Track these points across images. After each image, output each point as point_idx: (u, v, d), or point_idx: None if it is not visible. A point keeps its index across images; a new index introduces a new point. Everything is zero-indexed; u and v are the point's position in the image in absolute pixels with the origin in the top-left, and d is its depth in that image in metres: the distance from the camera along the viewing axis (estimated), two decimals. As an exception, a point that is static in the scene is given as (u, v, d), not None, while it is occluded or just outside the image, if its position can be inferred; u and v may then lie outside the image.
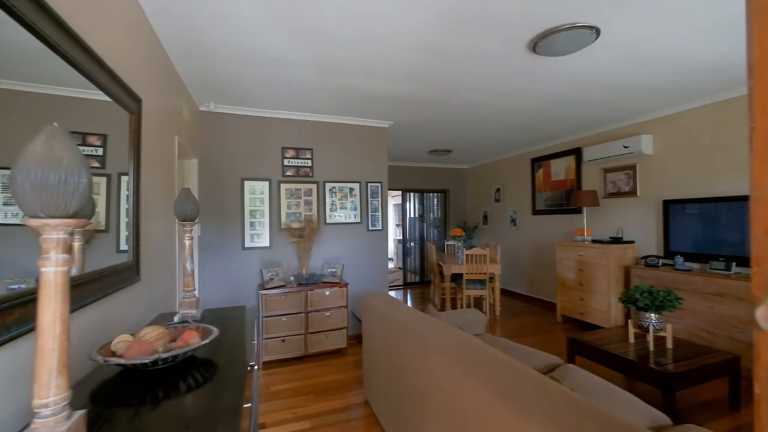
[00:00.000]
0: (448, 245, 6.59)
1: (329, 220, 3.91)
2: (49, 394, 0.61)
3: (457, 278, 5.00)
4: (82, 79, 1.19)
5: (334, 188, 3.94)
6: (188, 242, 1.65)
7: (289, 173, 3.76)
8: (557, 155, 5.11)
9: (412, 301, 6.00)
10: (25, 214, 0.61)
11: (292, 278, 3.50)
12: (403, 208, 7.47)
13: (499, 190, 6.38)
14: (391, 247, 9.65)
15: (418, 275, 7.59)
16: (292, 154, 3.77)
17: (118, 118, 1.50)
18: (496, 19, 2.00)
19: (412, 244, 7.63)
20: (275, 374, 3.15)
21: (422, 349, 1.65)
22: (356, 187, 4.04)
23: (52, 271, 0.62)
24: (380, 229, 4.15)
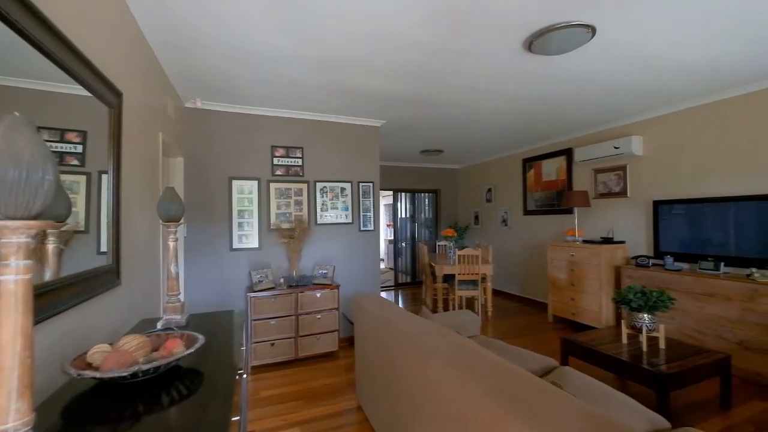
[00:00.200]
0: (439, 245, 6.56)
1: (320, 220, 3.83)
2: (8, 419, 0.54)
3: (449, 279, 4.97)
4: (58, 72, 1.11)
5: (325, 188, 3.87)
6: (172, 244, 1.57)
7: (278, 172, 3.67)
8: (548, 156, 5.12)
9: (403, 302, 5.96)
10: (-21, 215, 0.53)
11: (281, 280, 3.41)
12: (394, 208, 7.43)
13: (490, 190, 6.38)
14: (382, 247, 9.60)
15: (409, 276, 7.55)
16: (281, 152, 3.69)
17: (98, 113, 1.42)
18: (493, 16, 1.96)
19: (403, 244, 7.59)
20: (264, 379, 3.06)
21: (418, 353, 1.60)
22: (348, 186, 3.97)
23: (12, 279, 0.55)
24: (372, 229, 4.09)
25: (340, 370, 3.23)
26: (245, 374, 1.39)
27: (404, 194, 7.49)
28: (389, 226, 8.73)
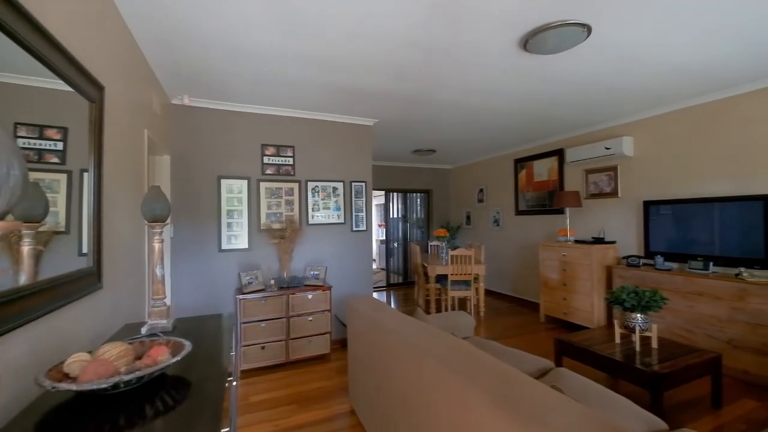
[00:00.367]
0: (431, 246, 6.55)
1: (312, 220, 3.77)
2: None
3: (441, 279, 4.95)
4: (34, 63, 1.04)
5: (316, 187, 3.80)
6: (158, 245, 1.50)
7: (269, 171, 3.59)
8: (540, 156, 5.14)
9: (396, 302, 5.92)
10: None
11: (272, 281, 3.34)
12: (386, 208, 7.38)
13: (482, 190, 6.39)
14: (374, 247, 9.54)
15: (401, 276, 7.52)
16: (272, 151, 3.61)
17: (80, 109, 1.36)
18: (489, 13, 1.93)
19: (395, 244, 7.55)
20: (254, 383, 2.98)
21: (414, 356, 1.56)
22: (340, 186, 3.92)
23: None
24: (364, 230, 4.04)
25: (332, 373, 3.17)
26: (234, 382, 1.33)
27: (396, 194, 7.45)
28: (381, 226, 8.69)
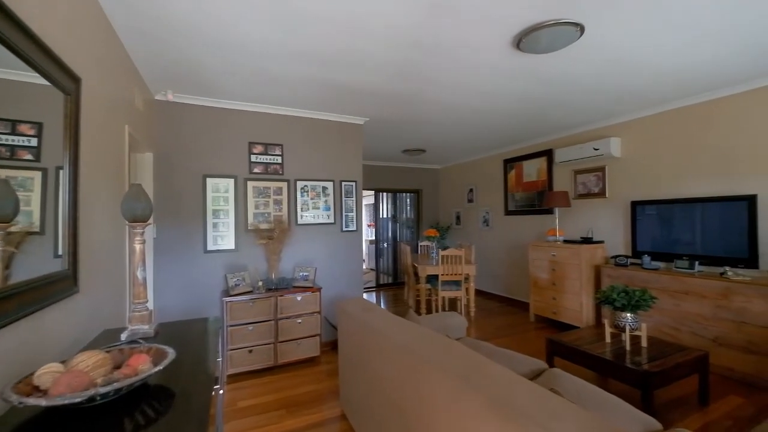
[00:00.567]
0: (421, 246, 6.53)
1: (301, 220, 3.69)
2: None
3: (432, 279, 4.92)
4: (6, 54, 0.97)
5: (306, 187, 3.73)
6: (139, 246, 1.42)
7: (256, 170, 3.51)
8: (529, 156, 5.17)
9: (386, 303, 5.87)
10: None
11: (260, 283, 3.25)
12: (375, 208, 7.33)
13: (472, 190, 6.40)
14: (363, 248, 9.49)
15: (391, 276, 7.48)
16: (260, 149, 3.52)
17: (56, 104, 1.29)
18: (485, 10, 1.91)
19: (384, 244, 7.51)
20: (242, 388, 2.89)
21: (409, 360, 1.52)
22: (330, 186, 3.85)
23: None
24: (355, 230, 3.98)
25: (322, 376, 3.10)
26: (221, 390, 1.26)
27: (386, 194, 7.41)
28: (370, 226, 8.64)
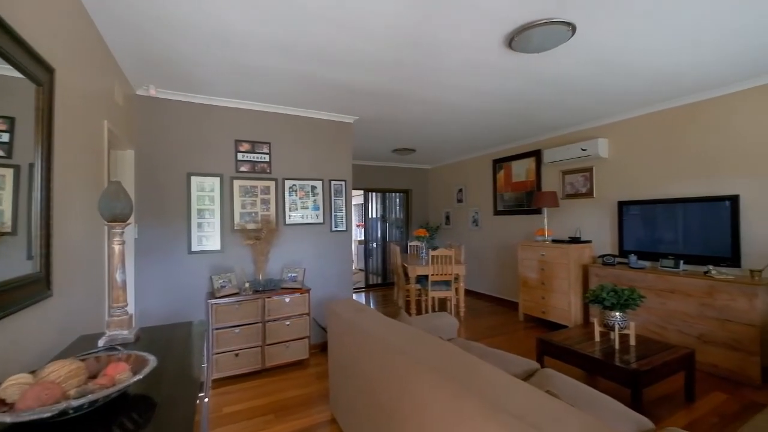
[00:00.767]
0: (411, 246, 6.51)
1: (289, 220, 3.61)
2: None
3: (422, 280, 4.90)
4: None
5: (294, 186, 3.65)
6: (118, 247, 1.35)
7: (243, 169, 3.42)
8: (518, 157, 5.20)
9: (375, 304, 5.83)
10: None
11: (246, 285, 3.17)
12: (364, 208, 7.28)
13: (461, 190, 6.41)
14: (353, 248, 9.42)
15: (380, 277, 7.44)
16: (247, 147, 3.43)
17: (29, 98, 1.21)
18: (478, 8, 1.88)
19: (374, 245, 7.46)
20: (228, 393, 2.81)
21: (401, 362, 1.48)
22: (319, 185, 3.79)
23: None
24: (344, 230, 3.93)
25: (311, 379, 3.04)
26: (206, 398, 1.20)
27: (375, 194, 7.37)
28: (359, 226, 8.58)
